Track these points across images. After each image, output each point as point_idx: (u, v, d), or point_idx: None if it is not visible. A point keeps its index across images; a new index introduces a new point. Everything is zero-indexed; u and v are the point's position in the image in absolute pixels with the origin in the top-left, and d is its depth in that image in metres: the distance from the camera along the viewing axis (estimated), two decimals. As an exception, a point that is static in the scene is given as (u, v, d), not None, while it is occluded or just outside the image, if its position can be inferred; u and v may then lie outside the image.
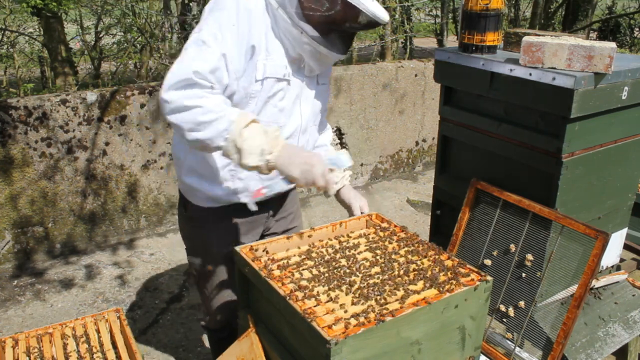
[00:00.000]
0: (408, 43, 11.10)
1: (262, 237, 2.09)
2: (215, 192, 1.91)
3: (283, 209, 2.14)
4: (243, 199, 1.91)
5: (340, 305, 1.43)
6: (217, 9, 1.66)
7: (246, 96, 1.74)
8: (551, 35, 1.94)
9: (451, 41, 10.99)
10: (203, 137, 1.56)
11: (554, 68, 1.82)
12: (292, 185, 1.64)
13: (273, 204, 2.07)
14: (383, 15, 1.67)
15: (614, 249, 2.27)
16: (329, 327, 1.32)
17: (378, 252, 1.70)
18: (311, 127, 1.98)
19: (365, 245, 1.74)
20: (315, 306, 1.42)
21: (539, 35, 1.96)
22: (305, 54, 1.75)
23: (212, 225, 1.99)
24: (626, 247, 2.44)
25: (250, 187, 1.91)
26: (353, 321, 1.35)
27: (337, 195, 2.06)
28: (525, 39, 1.86)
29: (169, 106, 1.56)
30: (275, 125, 1.69)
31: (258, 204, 1.83)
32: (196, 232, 2.04)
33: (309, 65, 1.81)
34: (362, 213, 2.00)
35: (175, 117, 1.56)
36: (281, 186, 1.71)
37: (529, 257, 1.91)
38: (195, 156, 1.89)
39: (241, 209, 1.92)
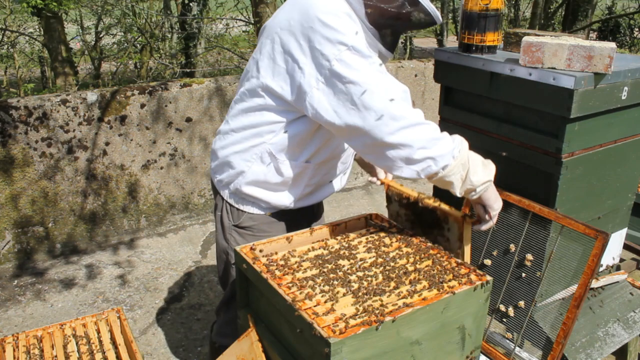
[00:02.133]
0: (408, 43, 11.11)
1: None
2: (281, 202, 1.89)
3: (322, 212, 2.19)
4: (304, 202, 1.94)
5: (340, 305, 1.43)
6: (335, 14, 1.61)
7: None
8: (551, 36, 1.94)
9: (451, 41, 10.99)
10: (433, 154, 1.58)
11: (554, 68, 1.82)
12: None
13: (317, 207, 2.11)
14: (439, 14, 1.71)
15: (614, 249, 2.27)
16: (329, 327, 1.33)
17: (378, 252, 1.70)
18: None
19: (365, 245, 1.74)
20: (315, 306, 1.42)
21: (538, 35, 1.96)
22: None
23: (265, 233, 1.94)
24: (626, 247, 2.44)
25: (314, 191, 1.95)
26: (353, 321, 1.35)
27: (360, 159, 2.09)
28: (525, 39, 1.86)
29: (399, 124, 1.55)
30: None
31: (313, 206, 1.98)
32: (245, 241, 1.93)
33: None
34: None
35: (404, 134, 1.55)
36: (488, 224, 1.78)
37: (529, 257, 1.91)
38: (265, 166, 1.82)
39: (293, 213, 1.95)
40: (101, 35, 10.05)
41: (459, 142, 1.63)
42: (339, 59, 1.56)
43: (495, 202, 1.71)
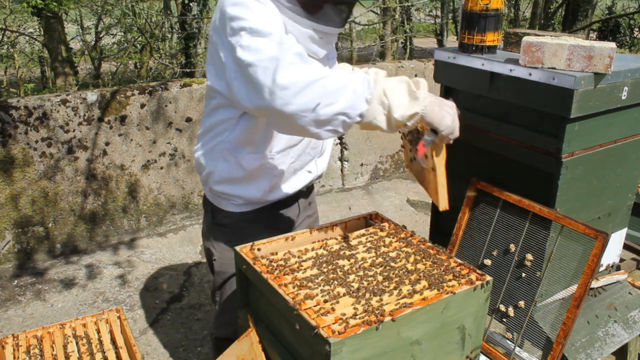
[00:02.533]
0: (408, 43, 11.11)
1: None
2: (251, 195, 1.90)
3: (310, 208, 2.16)
4: (275, 195, 1.92)
5: (341, 305, 1.43)
6: (237, 5, 1.56)
7: None
8: (551, 36, 1.94)
9: (451, 41, 11.00)
10: (340, 107, 1.42)
11: (554, 68, 1.82)
12: (434, 137, 1.52)
13: (303, 196, 2.10)
14: None
15: (614, 249, 2.27)
16: (329, 326, 1.33)
17: (378, 252, 1.70)
18: None
19: (365, 245, 1.74)
20: (315, 306, 1.42)
21: (538, 35, 1.96)
22: (295, 32, 1.67)
23: (244, 230, 1.97)
24: (626, 247, 2.44)
25: (285, 181, 1.92)
26: (353, 321, 1.35)
27: None
28: (525, 39, 1.86)
29: (290, 91, 1.41)
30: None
31: (288, 200, 1.89)
32: (226, 238, 2.00)
33: (311, 47, 1.71)
34: None
35: (300, 100, 1.41)
36: (428, 141, 1.58)
37: (529, 257, 1.91)
38: (227, 163, 1.86)
39: (272, 209, 1.94)
40: (101, 35, 10.05)
41: (369, 82, 1.45)
42: (240, 45, 1.52)
43: (440, 121, 1.48)
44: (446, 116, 1.48)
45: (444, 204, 1.72)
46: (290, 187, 1.97)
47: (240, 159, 1.84)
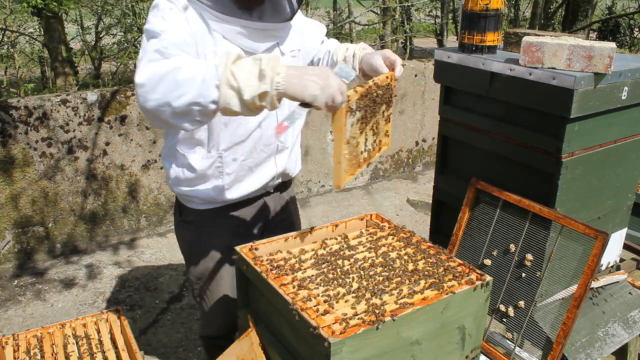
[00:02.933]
0: (408, 43, 11.11)
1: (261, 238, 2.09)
2: (208, 195, 1.91)
3: (284, 211, 2.14)
4: (233, 194, 1.91)
5: (340, 305, 1.43)
6: (155, 10, 1.62)
7: None
8: (551, 36, 1.94)
9: (451, 41, 11.00)
10: (192, 97, 1.36)
11: (554, 68, 1.82)
12: (307, 110, 1.43)
13: (269, 202, 2.07)
14: None
15: (614, 249, 2.27)
16: (329, 326, 1.33)
17: (378, 252, 1.70)
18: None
19: (365, 245, 1.74)
20: (315, 306, 1.42)
21: (538, 35, 1.96)
22: (222, 31, 1.66)
23: (209, 227, 1.99)
24: (626, 247, 2.44)
25: (240, 180, 1.90)
26: (353, 321, 1.35)
27: (362, 69, 1.86)
28: (525, 39, 1.86)
29: (146, 88, 1.39)
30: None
31: (252, 200, 1.84)
32: (193, 236, 2.03)
33: (239, 43, 1.68)
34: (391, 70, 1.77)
35: (155, 95, 1.38)
36: (299, 113, 1.49)
37: (529, 257, 1.92)
38: (180, 164, 1.88)
39: (236, 208, 1.92)
40: (101, 35, 10.05)
41: (217, 67, 1.37)
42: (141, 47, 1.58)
43: (303, 93, 1.37)
44: (309, 85, 1.36)
45: (336, 182, 1.59)
46: (248, 186, 1.93)
47: (190, 159, 1.85)
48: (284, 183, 2.13)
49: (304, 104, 1.43)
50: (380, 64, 1.76)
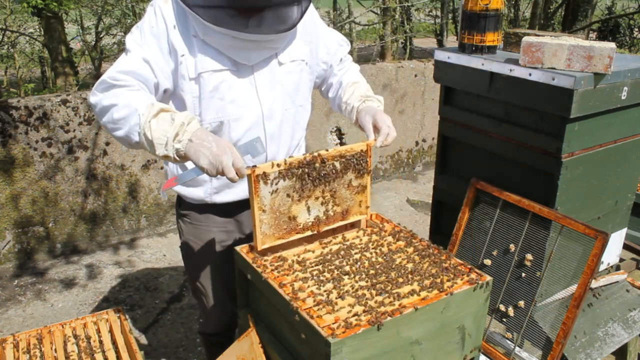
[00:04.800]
0: (408, 43, 11.11)
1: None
2: (198, 196, 1.92)
3: None
4: (223, 198, 1.91)
5: (340, 305, 1.43)
6: (142, 18, 1.71)
7: (191, 96, 1.73)
8: (551, 36, 1.94)
9: (451, 41, 11.00)
10: (122, 134, 1.58)
11: (554, 68, 1.82)
12: (202, 174, 1.56)
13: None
14: None
15: (614, 249, 2.27)
16: (329, 326, 1.33)
17: (377, 252, 1.70)
18: (286, 111, 1.87)
19: (365, 245, 1.74)
20: (315, 306, 1.42)
21: (538, 35, 1.96)
22: (215, 44, 1.68)
23: (204, 223, 1.99)
24: (626, 247, 2.44)
25: (230, 185, 1.89)
26: (353, 321, 1.35)
27: (356, 121, 1.91)
28: (525, 39, 1.86)
29: (95, 110, 1.64)
30: (190, 114, 1.58)
31: (245, 203, 1.83)
32: (189, 229, 2.02)
33: (230, 54, 1.71)
34: (382, 136, 1.77)
35: (102, 120, 1.62)
36: (191, 175, 1.62)
37: (529, 257, 1.92)
38: (172, 163, 1.88)
39: (228, 208, 1.93)
40: (101, 36, 10.04)
41: (139, 117, 1.53)
42: None
43: (197, 161, 1.51)
44: (201, 157, 1.50)
45: (254, 242, 1.68)
46: (238, 192, 1.92)
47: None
48: None
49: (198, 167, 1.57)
50: (369, 127, 1.82)
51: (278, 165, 1.63)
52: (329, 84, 2.09)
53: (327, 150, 1.72)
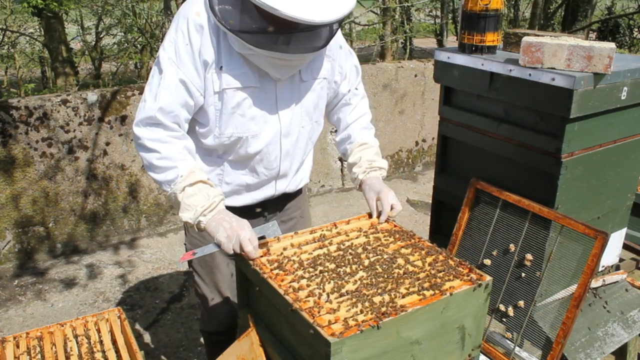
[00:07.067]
0: (408, 43, 11.10)
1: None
2: None
3: (283, 214, 2.14)
4: (230, 202, 1.92)
5: (340, 304, 1.43)
6: (174, 29, 1.71)
7: (214, 109, 1.75)
8: (550, 36, 1.94)
9: (451, 41, 10.99)
10: (154, 177, 1.73)
11: (554, 68, 1.82)
12: (218, 249, 1.68)
13: (270, 207, 2.06)
14: (306, 15, 1.51)
15: (614, 249, 2.28)
16: (329, 326, 1.33)
17: (378, 251, 1.70)
18: (302, 128, 1.91)
19: (365, 245, 1.74)
20: (315, 306, 1.42)
21: (538, 35, 1.97)
22: (252, 59, 1.70)
23: None
24: (625, 247, 2.45)
25: (238, 192, 1.93)
26: (353, 321, 1.35)
27: (361, 189, 2.00)
28: (525, 39, 1.87)
29: (137, 141, 1.74)
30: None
31: (253, 206, 1.92)
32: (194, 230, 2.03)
33: (266, 70, 1.73)
34: (387, 212, 1.87)
35: (139, 151, 1.75)
36: (209, 249, 1.71)
37: (529, 256, 1.92)
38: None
39: (234, 212, 1.93)
40: (101, 36, 10.04)
41: (176, 177, 1.68)
42: (155, 64, 1.75)
43: (214, 235, 1.65)
44: (220, 230, 1.63)
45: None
46: (246, 199, 1.96)
47: (201, 155, 1.89)
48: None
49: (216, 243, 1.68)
50: (372, 205, 1.91)
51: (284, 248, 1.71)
52: (337, 119, 2.11)
53: (335, 226, 1.84)
